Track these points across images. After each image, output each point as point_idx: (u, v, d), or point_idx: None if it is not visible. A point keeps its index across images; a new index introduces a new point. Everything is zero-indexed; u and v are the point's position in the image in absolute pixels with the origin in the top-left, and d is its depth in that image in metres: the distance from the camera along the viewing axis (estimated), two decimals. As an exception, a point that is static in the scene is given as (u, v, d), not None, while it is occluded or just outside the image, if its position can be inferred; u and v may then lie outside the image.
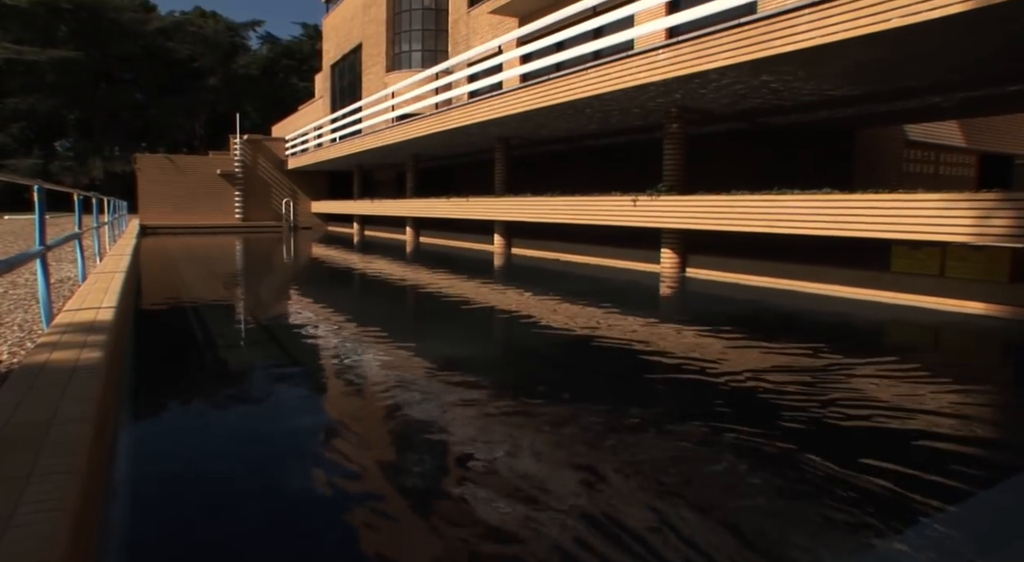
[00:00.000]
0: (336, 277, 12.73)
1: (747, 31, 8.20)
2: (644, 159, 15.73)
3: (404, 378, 4.64)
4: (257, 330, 6.87)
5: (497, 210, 15.41)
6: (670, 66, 9.31)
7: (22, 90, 51.64)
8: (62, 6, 54.48)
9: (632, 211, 11.25)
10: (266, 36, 72.31)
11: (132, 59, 58.07)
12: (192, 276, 12.44)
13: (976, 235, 6.81)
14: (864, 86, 9.65)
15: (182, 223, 28.71)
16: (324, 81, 36.95)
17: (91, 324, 4.40)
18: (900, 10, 6.64)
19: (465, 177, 25.26)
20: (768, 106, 11.24)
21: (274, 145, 31.58)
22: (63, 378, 3.07)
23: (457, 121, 15.17)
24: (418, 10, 25.69)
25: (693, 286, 10.07)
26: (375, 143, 20.46)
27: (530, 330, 6.69)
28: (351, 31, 31.84)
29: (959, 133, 16.33)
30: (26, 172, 48.87)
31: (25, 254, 3.84)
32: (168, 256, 16.92)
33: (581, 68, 11.11)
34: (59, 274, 9.54)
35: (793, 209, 8.67)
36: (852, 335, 6.73)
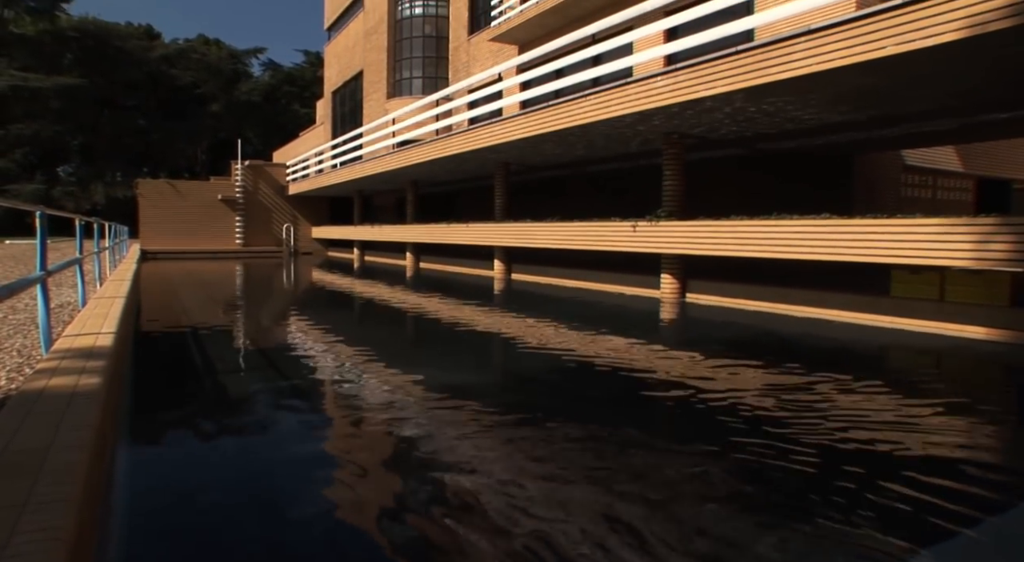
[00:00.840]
0: (335, 302, 12.73)
1: (744, 59, 8.30)
2: (644, 185, 15.82)
3: (403, 405, 4.62)
4: (256, 355, 6.85)
5: (497, 236, 15.45)
6: (668, 93, 9.40)
7: (27, 116, 52.14)
8: (68, 34, 55.30)
9: (632, 237, 11.28)
10: (268, 63, 73.25)
11: (136, 85, 58.76)
12: (192, 301, 12.44)
13: (975, 260, 6.82)
14: (861, 112, 9.74)
15: (183, 248, 28.78)
16: (325, 107, 37.31)
17: (90, 350, 4.39)
18: (894, 38, 6.73)
19: (465, 203, 25.37)
20: (766, 132, 11.33)
21: (275, 171, 31.78)
22: (61, 404, 3.05)
23: (457, 147, 15.28)
24: (419, 38, 26.04)
25: (693, 311, 10.06)
26: (376, 169, 20.59)
27: (530, 356, 6.67)
28: (352, 58, 32.22)
29: (956, 158, 16.44)
30: (28, 197, 49.12)
31: (26, 280, 3.84)
32: (168, 281, 16.93)
33: (580, 95, 11.21)
34: (59, 299, 9.54)
35: (792, 234, 8.70)
36: (852, 361, 6.71)
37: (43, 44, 54.20)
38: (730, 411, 4.43)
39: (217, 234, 29.94)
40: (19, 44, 53.79)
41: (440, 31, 25.66)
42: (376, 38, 28.39)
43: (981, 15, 6.05)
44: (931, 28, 6.44)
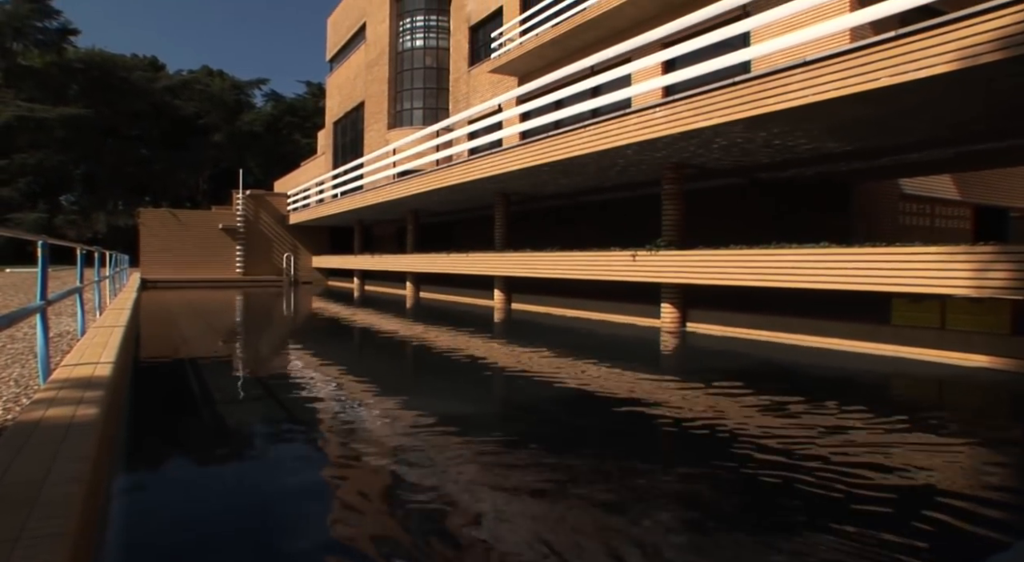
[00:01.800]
0: (335, 332, 12.70)
1: (741, 90, 8.41)
2: (643, 214, 15.89)
3: (402, 436, 4.59)
4: (255, 385, 6.81)
5: (497, 266, 15.48)
6: (667, 124, 9.50)
7: (31, 146, 52.66)
8: (74, 66, 56.13)
9: (632, 266, 11.30)
10: (271, 94, 74.18)
11: (139, 116, 59.44)
12: (191, 330, 12.41)
13: (975, 288, 6.83)
14: (857, 142, 9.83)
15: (183, 277, 28.82)
16: (326, 138, 37.66)
17: (88, 380, 4.37)
18: (888, 70, 6.83)
19: (465, 232, 25.46)
20: (764, 161, 11.43)
21: (276, 200, 31.97)
22: (58, 436, 3.03)
23: (457, 178, 15.38)
24: (420, 69, 26.40)
25: (694, 341, 10.03)
26: (376, 199, 20.71)
27: (530, 387, 6.63)
28: (354, 89, 32.62)
29: (953, 186, 16.54)
30: (31, 226, 49.38)
31: (26, 309, 3.84)
32: (168, 310, 16.91)
33: (579, 126, 11.33)
34: (58, 328, 9.52)
35: (791, 263, 8.72)
36: (853, 389, 6.67)
37: (50, 76, 54.97)
38: (734, 442, 4.40)
39: (218, 263, 30.02)
40: (27, 76, 54.55)
41: (440, 63, 26.03)
42: (377, 70, 28.78)
43: (972, 48, 6.15)
44: (924, 60, 6.54)
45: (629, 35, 14.84)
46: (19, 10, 54.69)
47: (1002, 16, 5.95)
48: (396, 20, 27.16)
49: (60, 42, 58.12)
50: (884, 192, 14.30)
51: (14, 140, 51.65)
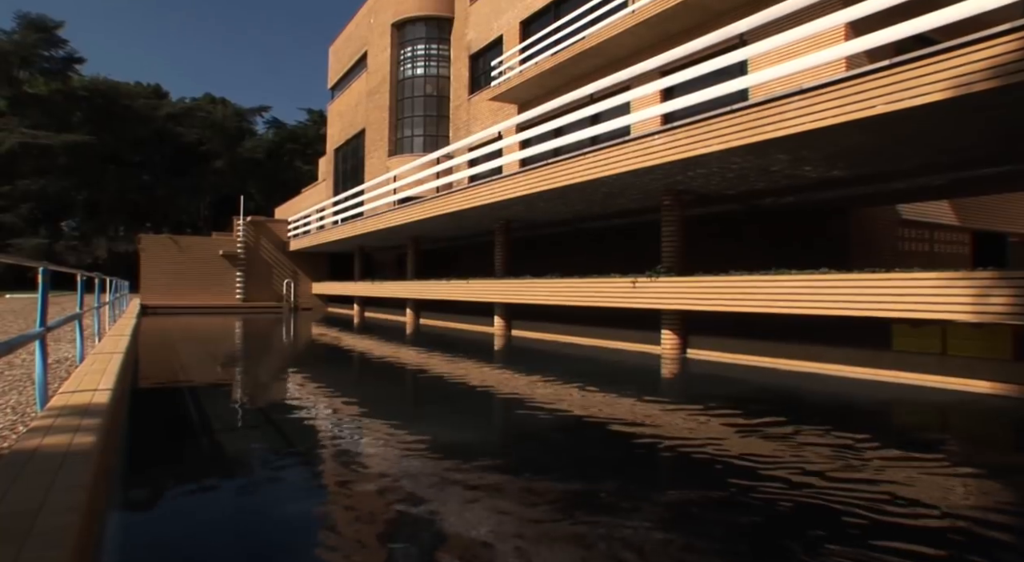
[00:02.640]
0: (334, 359, 12.66)
1: (740, 117, 8.48)
2: (643, 240, 15.94)
3: (402, 465, 4.55)
4: (254, 413, 6.77)
5: (497, 292, 15.48)
6: (666, 151, 9.57)
7: (34, 172, 52.96)
8: (79, 93, 56.71)
9: (632, 293, 11.30)
10: (272, 121, 74.76)
11: (142, 142, 59.87)
12: (190, 357, 12.37)
13: (975, 313, 6.82)
14: (855, 168, 9.89)
15: (183, 303, 28.79)
16: (327, 164, 37.93)
17: (86, 407, 4.34)
18: (884, 97, 6.90)
19: (465, 259, 25.50)
20: (762, 188, 11.48)
21: (276, 227, 32.07)
22: (54, 464, 3.00)
23: (458, 204, 15.44)
24: (420, 97, 26.68)
25: (694, 367, 9.99)
26: (377, 225, 20.77)
27: (530, 414, 6.59)
28: (355, 117, 32.93)
29: (951, 212, 16.61)
30: (31, 251, 49.46)
31: (25, 336, 3.83)
32: (167, 336, 16.87)
33: (579, 153, 11.40)
34: (57, 354, 9.48)
35: (791, 289, 8.72)
36: (855, 417, 6.63)
37: (55, 103, 55.51)
38: (739, 472, 4.36)
39: (218, 289, 30.02)
40: (32, 103, 55.10)
41: (441, 91, 26.32)
42: (378, 97, 29.09)
43: (965, 76, 6.22)
44: (918, 88, 6.61)
45: (628, 63, 15.01)
46: (27, 39, 55.45)
47: (993, 46, 6.03)
48: (397, 49, 27.51)
49: (66, 70, 58.83)
50: (883, 218, 14.35)
51: (18, 166, 51.98)
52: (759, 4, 12.20)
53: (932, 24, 7.07)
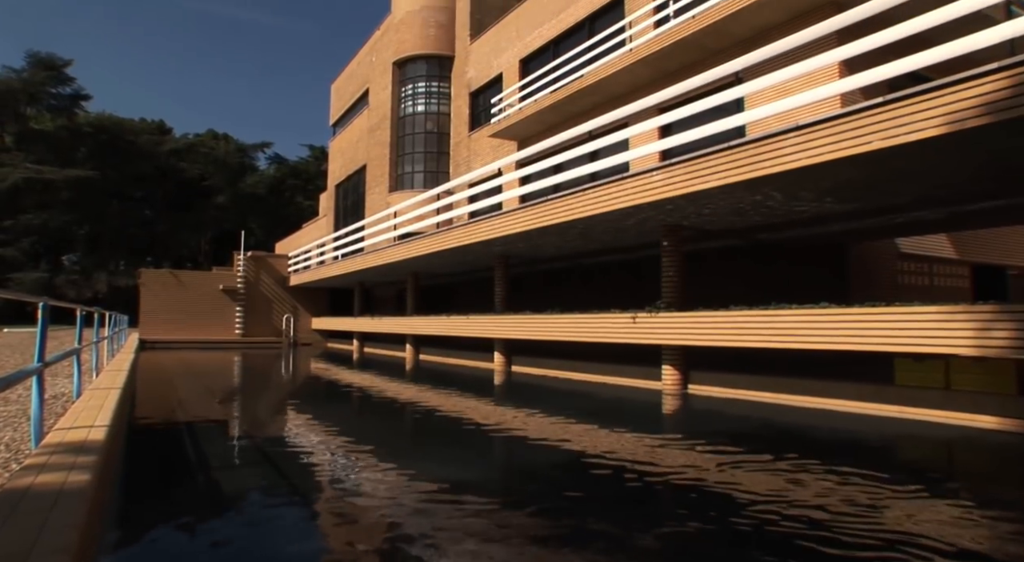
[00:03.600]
0: (334, 395, 12.57)
1: (737, 153, 8.56)
2: (643, 275, 15.96)
3: (402, 505, 4.48)
4: (252, 450, 6.70)
5: (497, 328, 15.44)
6: (664, 187, 9.64)
7: (37, 206, 53.26)
8: (84, 130, 57.41)
9: (632, 328, 11.27)
10: (274, 157, 75.46)
11: (145, 178, 60.36)
12: (188, 392, 12.28)
13: (977, 347, 6.79)
14: (852, 203, 9.95)
15: (182, 338, 28.69)
16: (328, 200, 38.18)
17: (81, 444, 4.29)
18: (879, 133, 6.98)
19: (465, 294, 25.49)
20: (761, 223, 11.54)
21: (277, 262, 32.15)
22: (46, 503, 2.95)
23: (458, 240, 15.50)
24: (421, 134, 26.99)
25: (696, 403, 9.92)
26: (377, 261, 20.81)
27: (531, 452, 6.52)
28: (356, 153, 33.27)
29: (949, 245, 16.67)
30: (32, 285, 49.48)
31: (22, 371, 3.80)
32: (165, 371, 16.78)
33: (578, 189, 11.48)
34: (54, 389, 9.41)
35: (791, 324, 8.70)
36: (860, 454, 6.55)
37: (60, 139, 56.14)
38: (746, 515, 4.29)
39: (217, 324, 29.94)
40: (37, 139, 55.75)
41: (442, 128, 26.64)
42: (379, 134, 29.43)
43: (957, 113, 6.30)
44: (913, 124, 6.68)
45: (626, 101, 15.22)
46: (36, 77, 56.35)
47: (983, 84, 6.13)
48: (398, 86, 27.92)
49: (72, 107, 59.69)
50: (882, 251, 14.40)
51: (20, 201, 52.31)
52: (754, 43, 12.43)
53: (924, 62, 7.19)
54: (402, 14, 27.17)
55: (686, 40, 13.58)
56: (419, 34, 26.63)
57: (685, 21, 13.67)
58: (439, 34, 26.39)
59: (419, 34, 26.63)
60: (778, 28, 12.43)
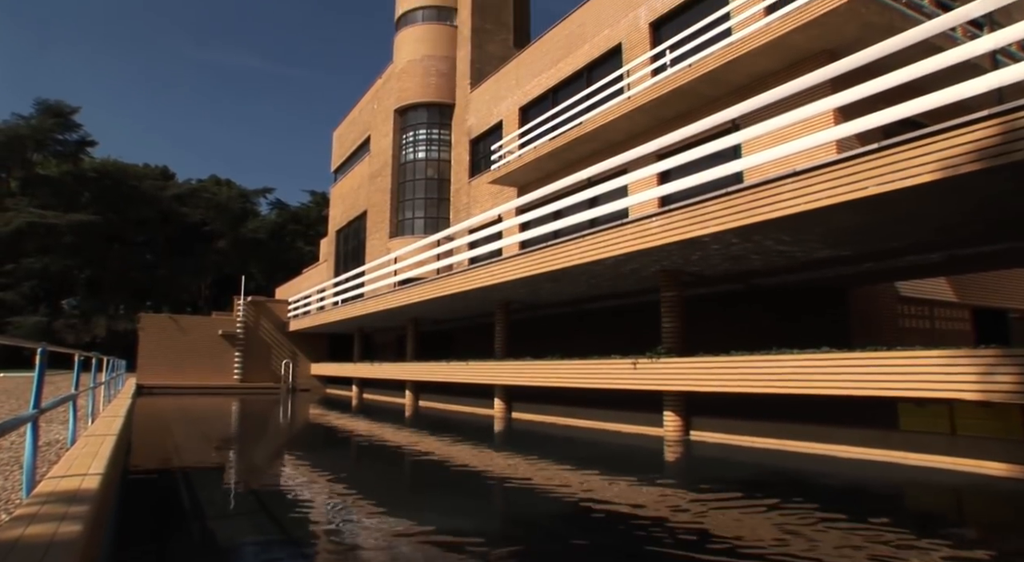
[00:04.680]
0: (332, 442, 12.41)
1: (735, 199, 8.63)
2: (643, 321, 15.91)
3: (400, 557, 4.38)
4: (248, 499, 6.58)
5: (497, 374, 15.33)
6: (663, 233, 9.69)
7: (39, 250, 53.48)
8: (88, 175, 58.10)
9: (633, 374, 11.19)
10: (276, 202, 76.09)
11: (147, 222, 60.80)
12: (185, 439, 12.13)
13: (981, 392, 6.72)
14: (851, 247, 9.99)
15: (180, 383, 28.47)
16: (329, 246, 38.38)
17: (74, 494, 4.21)
18: (875, 179, 7.05)
19: (465, 340, 25.39)
20: (760, 267, 11.57)
21: (277, 307, 32.13)
22: (35, 556, 2.88)
23: (458, 286, 15.50)
24: (421, 180, 27.29)
25: (699, 450, 9.78)
26: (377, 307, 20.78)
27: (532, 501, 6.41)
28: (357, 199, 33.58)
29: (949, 288, 16.68)
30: (30, 329, 49.32)
31: (17, 419, 3.76)
32: (162, 417, 16.60)
33: (578, 236, 11.53)
34: (48, 436, 9.29)
35: (793, 369, 8.64)
36: (868, 501, 6.43)
37: (64, 184, 56.77)
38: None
39: (215, 369, 29.76)
40: (42, 184, 56.38)
41: (442, 174, 26.95)
42: (380, 180, 29.75)
43: (951, 159, 6.37)
44: (908, 170, 6.75)
45: (624, 148, 15.42)
46: (44, 124, 57.30)
47: (976, 130, 6.22)
48: (399, 134, 28.35)
49: (78, 153, 60.53)
50: (881, 295, 14.40)
51: (23, 245, 52.57)
52: (750, 90, 12.67)
53: (917, 109, 7.31)
54: (404, 63, 27.77)
55: (683, 88, 13.85)
56: (420, 82, 27.18)
57: (682, 70, 13.96)
58: (440, 82, 26.93)
59: (420, 82, 27.18)
60: (773, 76, 12.68)
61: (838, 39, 11.71)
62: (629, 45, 17.23)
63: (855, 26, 11.32)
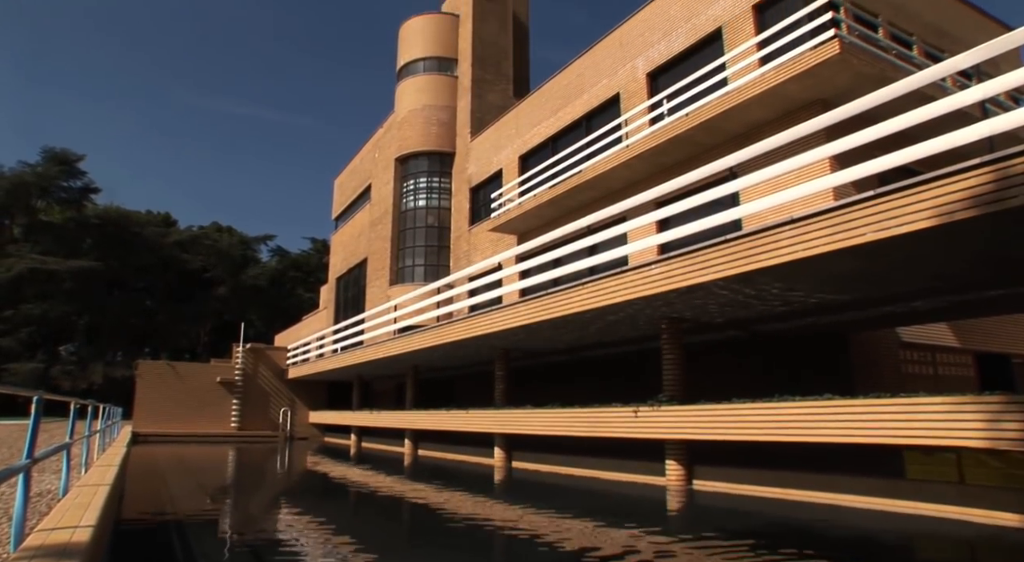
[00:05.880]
0: (330, 493, 12.19)
1: (734, 246, 8.67)
2: (644, 368, 15.83)
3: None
4: (244, 554, 6.42)
5: (498, 423, 15.15)
6: (663, 281, 9.69)
7: (38, 296, 53.46)
8: (91, 221, 58.56)
9: (634, 422, 11.06)
10: (276, 249, 76.47)
11: (147, 268, 61.02)
12: (179, 489, 11.92)
13: (988, 440, 6.62)
14: (850, 293, 9.99)
15: (176, 431, 28.12)
16: (329, 293, 38.42)
17: (64, 547, 4.11)
18: (872, 226, 7.08)
19: (465, 388, 25.16)
20: (760, 314, 11.55)
21: (276, 354, 31.97)
22: (23, 611, 2.80)
23: (458, 334, 15.43)
24: (422, 228, 27.48)
25: (702, 499, 9.60)
26: (376, 354, 20.66)
27: (533, 553, 6.25)
28: (357, 246, 33.76)
29: (951, 334, 16.61)
30: (27, 376, 48.95)
31: (9, 469, 3.70)
32: (157, 466, 16.34)
33: (578, 283, 11.53)
34: (40, 486, 9.12)
35: (796, 416, 8.54)
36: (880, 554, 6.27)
37: (67, 230, 57.19)
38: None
39: (212, 417, 29.43)
40: (45, 230, 56.78)
41: (442, 222, 27.15)
42: (381, 228, 29.96)
43: (946, 206, 6.42)
44: (904, 217, 6.79)
45: (623, 195, 15.57)
46: (49, 171, 58.04)
47: (970, 177, 6.28)
48: (400, 181, 28.67)
49: (81, 200, 61.14)
50: (883, 341, 14.34)
51: (23, 291, 52.59)
52: (747, 138, 12.88)
53: (910, 157, 7.40)
54: (405, 112, 28.28)
55: (681, 137, 14.07)
56: (421, 131, 27.63)
57: (679, 119, 14.22)
58: (441, 132, 27.38)
59: (421, 131, 27.63)
60: (769, 125, 12.91)
61: (831, 89, 11.96)
62: (627, 94, 17.58)
63: (847, 76, 11.58)
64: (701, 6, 15.46)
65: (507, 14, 28.27)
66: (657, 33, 16.78)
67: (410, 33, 28.92)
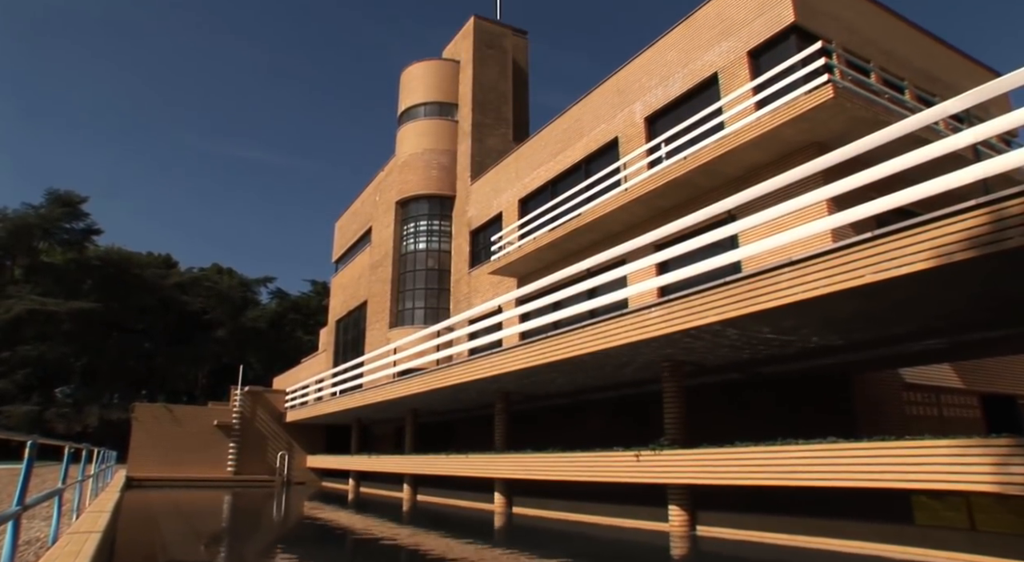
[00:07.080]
0: (327, 540, 11.93)
1: (733, 289, 8.66)
2: (645, 411, 15.65)
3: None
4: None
5: (497, 467, 14.93)
6: (663, 323, 9.66)
7: (36, 338, 53.15)
8: (92, 263, 58.68)
9: (636, 467, 10.90)
10: (276, 291, 76.43)
11: (147, 310, 60.85)
12: (172, 535, 11.67)
13: (997, 484, 6.49)
14: (851, 334, 9.94)
15: (171, 475, 27.67)
16: (328, 335, 38.27)
17: (52, 597, 4.00)
18: (871, 267, 7.09)
19: (465, 432, 24.85)
20: (761, 356, 11.48)
21: (274, 397, 31.68)
22: None
23: (458, 377, 15.32)
24: (422, 270, 27.53)
25: (706, 546, 9.39)
26: (376, 398, 20.47)
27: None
28: (357, 289, 33.78)
29: (955, 375, 16.46)
30: (21, 419, 48.35)
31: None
32: (150, 513, 16.03)
33: (578, 326, 11.49)
34: (29, 534, 8.93)
35: (799, 460, 8.41)
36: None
37: (68, 271, 57.24)
38: None
39: (209, 461, 29.00)
40: (46, 272, 56.85)
41: (442, 265, 27.23)
42: (381, 270, 30.03)
43: (944, 247, 6.43)
44: (902, 258, 6.80)
45: (622, 238, 15.65)
46: (52, 213, 58.41)
47: (967, 219, 6.31)
48: (401, 225, 28.83)
49: (83, 241, 61.36)
50: (886, 382, 14.22)
51: (21, 332, 52.30)
52: (745, 181, 13.01)
53: (906, 199, 7.44)
54: (406, 156, 28.62)
55: (679, 180, 14.20)
56: (422, 175, 27.91)
57: (677, 162, 14.38)
58: (441, 175, 27.66)
59: (422, 175, 27.91)
60: (766, 167, 13.05)
61: (826, 132, 12.12)
62: (625, 139, 17.81)
63: (841, 120, 11.75)
64: (697, 52, 15.78)
65: (507, 60, 28.83)
66: (654, 78, 17.08)
67: (411, 79, 29.46)
